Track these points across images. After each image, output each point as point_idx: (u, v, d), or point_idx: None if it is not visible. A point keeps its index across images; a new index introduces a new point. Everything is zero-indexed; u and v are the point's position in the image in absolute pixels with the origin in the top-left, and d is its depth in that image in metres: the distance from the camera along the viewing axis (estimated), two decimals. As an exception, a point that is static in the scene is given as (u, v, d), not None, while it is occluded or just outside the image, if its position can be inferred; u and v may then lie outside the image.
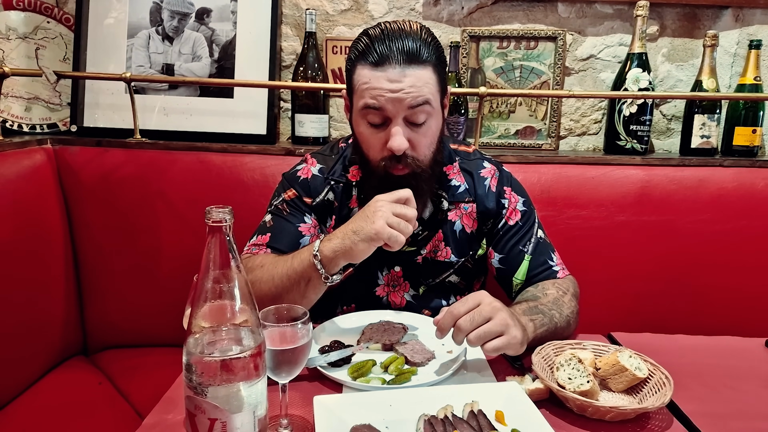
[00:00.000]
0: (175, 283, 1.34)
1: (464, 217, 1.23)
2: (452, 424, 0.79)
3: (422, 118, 1.06)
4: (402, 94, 1.02)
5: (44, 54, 1.73)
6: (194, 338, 0.65)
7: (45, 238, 1.46)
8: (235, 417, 0.64)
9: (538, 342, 1.02)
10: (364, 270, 1.20)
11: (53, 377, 1.43)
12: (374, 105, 1.04)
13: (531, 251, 1.22)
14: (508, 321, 0.93)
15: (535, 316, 1.05)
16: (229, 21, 1.74)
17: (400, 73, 1.02)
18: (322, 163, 1.26)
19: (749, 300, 1.57)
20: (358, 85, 1.06)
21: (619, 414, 0.84)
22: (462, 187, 1.23)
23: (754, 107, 1.69)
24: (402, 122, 1.05)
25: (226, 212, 0.64)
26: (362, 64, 1.05)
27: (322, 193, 1.23)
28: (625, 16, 1.78)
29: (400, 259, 1.22)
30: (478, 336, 0.91)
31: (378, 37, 1.04)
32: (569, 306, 1.14)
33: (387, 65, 1.02)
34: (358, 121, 1.10)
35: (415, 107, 1.04)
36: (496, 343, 0.91)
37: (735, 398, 0.95)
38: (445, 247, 1.23)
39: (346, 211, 1.22)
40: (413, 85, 1.03)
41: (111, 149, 1.58)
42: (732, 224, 1.55)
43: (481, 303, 0.94)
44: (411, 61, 1.03)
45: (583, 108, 1.85)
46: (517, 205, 1.24)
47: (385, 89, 1.02)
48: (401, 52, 1.02)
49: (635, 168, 1.59)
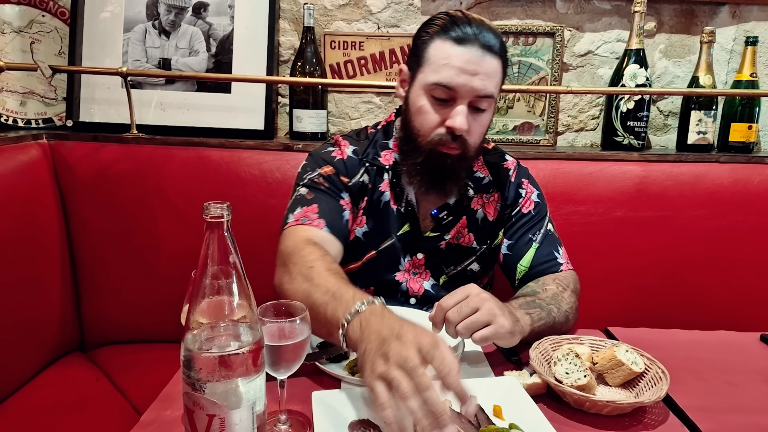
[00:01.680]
0: (172, 279, 1.34)
1: (486, 205, 1.27)
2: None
3: (484, 105, 1.10)
4: (477, 79, 1.05)
5: (39, 48, 1.72)
6: (192, 334, 0.65)
7: (41, 234, 1.45)
8: (233, 413, 0.64)
9: (536, 336, 1.03)
10: (387, 254, 1.23)
11: (50, 373, 1.43)
12: (448, 84, 1.06)
13: (539, 241, 1.25)
14: (495, 311, 0.93)
15: (532, 310, 1.05)
16: (227, 15, 1.73)
17: (480, 57, 1.05)
18: (354, 145, 1.26)
19: (745, 295, 1.58)
20: (435, 59, 1.07)
21: (615, 408, 0.85)
22: (486, 179, 1.27)
23: (750, 103, 1.70)
24: (466, 105, 1.08)
25: (224, 208, 0.64)
26: (443, 39, 1.07)
27: (358, 174, 1.23)
28: (622, 12, 1.78)
29: (424, 245, 1.24)
30: (465, 326, 0.91)
31: (462, 19, 1.07)
32: (568, 302, 1.14)
33: (469, 45, 1.05)
34: (420, 94, 1.11)
35: (483, 95, 1.07)
36: (483, 332, 0.92)
37: (731, 392, 0.96)
38: (468, 233, 1.26)
39: (377, 195, 1.23)
40: (487, 73, 1.06)
41: (107, 144, 1.57)
42: (728, 220, 1.56)
43: (469, 295, 0.95)
44: (489, 49, 1.06)
45: (581, 104, 1.86)
46: (532, 196, 1.29)
47: (464, 68, 1.05)
48: (484, 38, 1.06)
49: (632, 164, 1.59)
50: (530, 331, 1.02)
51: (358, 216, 1.23)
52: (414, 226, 1.23)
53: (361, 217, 1.23)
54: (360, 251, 1.24)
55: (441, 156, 1.12)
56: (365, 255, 1.24)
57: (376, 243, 1.24)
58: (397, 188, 1.22)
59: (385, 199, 1.23)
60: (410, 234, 1.23)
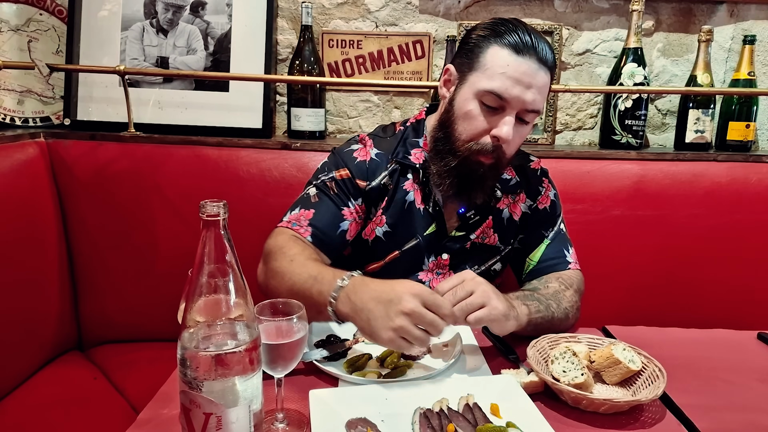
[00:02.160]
0: (170, 278, 1.34)
1: (513, 205, 1.28)
2: (447, 418, 0.80)
3: (529, 119, 1.10)
4: (530, 92, 1.05)
5: (37, 46, 1.71)
6: (189, 333, 0.65)
7: (39, 232, 1.45)
8: (230, 411, 0.64)
9: (534, 329, 1.04)
10: (411, 254, 1.23)
11: (48, 372, 1.43)
12: (502, 93, 1.05)
13: (551, 237, 1.26)
14: (490, 294, 0.95)
15: (530, 302, 1.07)
16: (225, 14, 1.73)
17: (535, 70, 1.05)
18: (379, 146, 1.24)
19: (742, 293, 1.58)
20: (491, 65, 1.06)
21: (612, 406, 0.85)
22: (513, 181, 1.27)
23: (748, 102, 1.70)
24: (514, 115, 1.07)
25: (221, 206, 0.64)
26: (501, 45, 1.06)
27: (380, 177, 1.21)
28: (621, 10, 1.78)
29: (450, 246, 1.24)
30: (460, 308, 0.93)
31: (519, 27, 1.06)
32: (569, 300, 1.15)
33: (528, 56, 1.04)
34: (470, 99, 1.09)
35: (532, 109, 1.07)
36: (477, 314, 0.94)
37: (728, 390, 0.96)
38: (493, 233, 1.26)
39: (400, 195, 1.21)
40: (539, 87, 1.06)
41: (105, 143, 1.57)
42: (725, 218, 1.56)
43: (464, 279, 0.97)
44: (545, 63, 1.06)
45: (579, 103, 1.86)
46: (549, 194, 1.31)
47: (520, 79, 1.04)
48: (542, 52, 1.05)
49: (630, 162, 1.60)
50: (528, 321, 1.03)
51: (377, 216, 1.22)
52: (440, 227, 1.22)
53: (381, 217, 1.21)
54: (381, 251, 1.23)
55: (476, 164, 1.11)
56: (388, 255, 1.23)
57: (399, 243, 1.22)
58: (425, 188, 1.21)
59: (409, 199, 1.21)
60: (436, 234, 1.22)
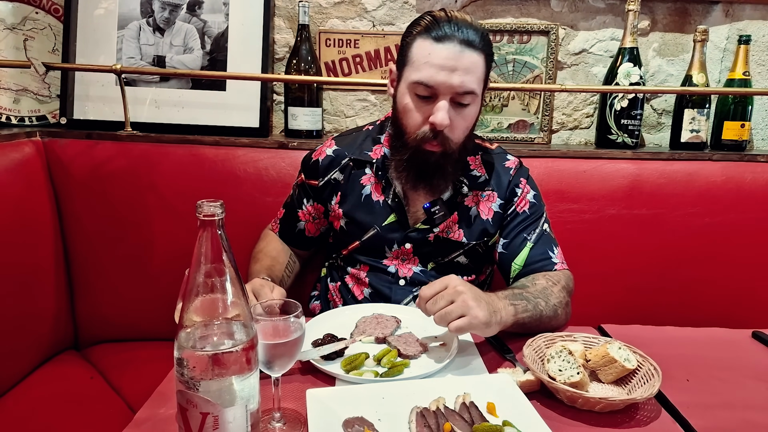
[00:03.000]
0: (166, 277, 1.34)
1: (481, 203, 1.28)
2: (444, 417, 0.80)
3: (467, 100, 1.12)
4: (455, 75, 1.08)
5: (33, 45, 1.70)
6: (186, 332, 0.65)
7: (35, 231, 1.44)
8: (227, 411, 0.64)
9: (522, 328, 1.06)
10: (371, 243, 1.29)
11: (44, 371, 1.42)
12: (428, 82, 1.09)
13: (534, 240, 1.26)
14: (469, 303, 0.96)
15: (517, 301, 1.07)
16: (221, 13, 1.72)
17: (458, 53, 1.08)
18: (340, 143, 1.33)
19: (737, 292, 1.59)
20: (416, 58, 1.11)
21: (608, 405, 0.85)
22: (482, 178, 1.29)
23: (743, 102, 1.71)
24: (448, 100, 1.10)
25: (218, 206, 0.64)
26: (424, 38, 1.10)
27: (330, 173, 1.31)
28: (617, 10, 1.79)
29: (412, 236, 1.27)
30: (440, 317, 0.96)
31: (443, 18, 1.10)
32: (557, 296, 1.16)
33: (448, 42, 1.08)
34: (405, 93, 1.15)
35: (463, 91, 1.10)
36: (457, 323, 0.95)
37: (722, 389, 0.96)
38: (458, 228, 1.28)
39: (357, 188, 1.29)
40: (466, 68, 1.09)
41: (101, 142, 1.56)
42: (720, 218, 1.57)
43: (447, 286, 0.98)
44: (469, 44, 1.09)
45: (575, 102, 1.86)
46: (528, 196, 1.30)
47: (443, 65, 1.08)
48: (463, 33, 1.08)
49: (626, 162, 1.60)
50: (514, 321, 1.04)
51: (334, 210, 1.32)
52: (401, 218, 1.27)
53: (337, 211, 1.31)
54: (346, 240, 1.33)
55: (425, 153, 1.15)
56: (351, 244, 1.32)
57: (359, 233, 1.30)
58: (383, 181, 1.26)
59: (365, 192, 1.28)
60: (397, 225, 1.27)
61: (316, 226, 1.38)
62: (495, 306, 1.01)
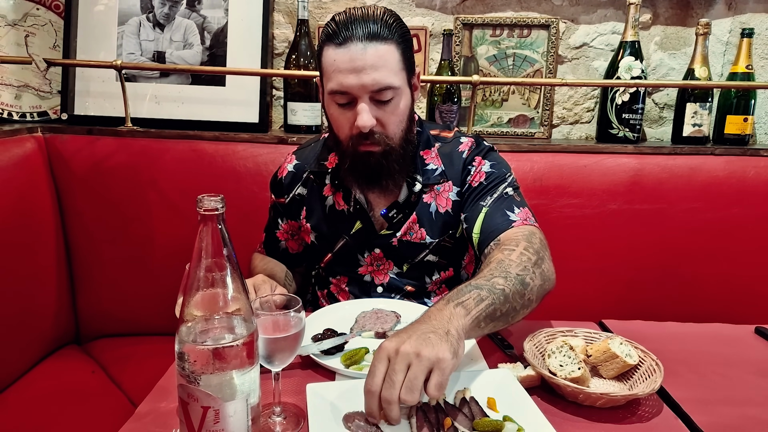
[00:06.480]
0: (167, 272, 1.34)
1: (438, 197, 1.23)
2: (444, 412, 0.80)
3: (388, 96, 1.08)
4: (364, 75, 1.05)
5: (34, 41, 1.70)
6: (186, 327, 0.65)
7: (36, 227, 1.45)
8: (227, 405, 0.64)
9: (492, 321, 0.91)
10: (343, 254, 1.27)
11: (46, 366, 1.43)
12: (339, 89, 1.07)
13: (489, 204, 1.17)
14: (423, 350, 0.76)
15: (464, 297, 0.89)
16: (221, 8, 1.72)
17: (362, 50, 1.04)
18: (299, 157, 1.31)
19: (739, 287, 1.59)
20: (326, 67, 1.09)
21: (609, 400, 0.85)
22: (438, 170, 1.23)
23: (746, 96, 1.70)
24: (368, 101, 1.07)
25: (218, 201, 0.64)
26: (328, 46, 1.08)
27: (294, 189, 1.29)
28: (618, 4, 1.78)
29: (379, 242, 1.25)
30: (409, 391, 0.74)
31: (341, 21, 1.07)
32: (518, 262, 0.99)
33: (350, 43, 1.05)
34: (329, 103, 1.13)
35: (378, 88, 1.06)
36: (433, 383, 0.75)
37: (725, 385, 0.96)
38: (419, 228, 1.24)
39: (320, 201, 1.27)
40: (374, 65, 1.05)
41: (102, 137, 1.57)
42: (723, 212, 1.56)
43: (388, 356, 0.77)
44: (373, 38, 1.05)
45: (576, 96, 1.85)
46: (482, 168, 1.21)
47: (349, 68, 1.05)
48: (363, 29, 1.05)
49: (627, 156, 1.60)
50: (472, 324, 0.87)
51: (303, 225, 1.30)
52: (366, 224, 1.24)
53: (306, 225, 1.29)
54: (319, 255, 1.31)
55: (364, 155, 1.12)
56: (323, 258, 1.30)
57: (329, 246, 1.28)
58: (341, 189, 1.24)
59: (329, 203, 1.26)
60: (364, 231, 1.24)
61: (296, 243, 1.36)
62: (442, 325, 0.82)
